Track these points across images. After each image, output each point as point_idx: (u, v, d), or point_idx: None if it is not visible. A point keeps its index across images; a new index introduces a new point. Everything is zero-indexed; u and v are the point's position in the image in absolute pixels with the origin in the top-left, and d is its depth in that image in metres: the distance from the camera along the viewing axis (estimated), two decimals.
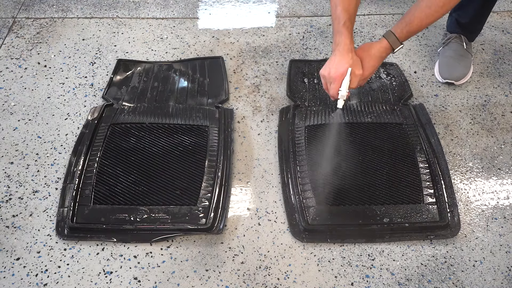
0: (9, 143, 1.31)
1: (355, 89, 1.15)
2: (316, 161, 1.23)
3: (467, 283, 1.04)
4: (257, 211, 1.17)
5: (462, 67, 1.46)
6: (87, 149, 1.25)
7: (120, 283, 1.04)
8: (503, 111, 1.41)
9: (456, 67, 1.46)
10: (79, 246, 1.10)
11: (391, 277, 1.05)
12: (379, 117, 1.34)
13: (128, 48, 1.61)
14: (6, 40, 1.64)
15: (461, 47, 1.48)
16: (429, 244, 1.11)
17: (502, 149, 1.31)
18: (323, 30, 1.68)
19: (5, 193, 1.20)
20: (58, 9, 1.78)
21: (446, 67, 1.47)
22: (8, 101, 1.43)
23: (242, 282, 1.04)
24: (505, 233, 1.13)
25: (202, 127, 1.32)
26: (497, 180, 1.24)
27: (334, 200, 1.15)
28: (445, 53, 1.50)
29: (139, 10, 1.78)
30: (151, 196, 1.16)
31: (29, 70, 1.53)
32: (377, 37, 1.65)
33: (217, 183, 1.18)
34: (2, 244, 1.10)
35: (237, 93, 1.46)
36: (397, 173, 1.20)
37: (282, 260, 1.08)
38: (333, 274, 1.06)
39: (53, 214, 1.15)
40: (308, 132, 1.30)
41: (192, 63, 1.55)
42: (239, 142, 1.32)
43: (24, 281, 1.04)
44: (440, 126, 1.36)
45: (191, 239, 1.11)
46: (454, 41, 1.49)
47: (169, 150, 1.26)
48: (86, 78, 1.51)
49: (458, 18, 1.48)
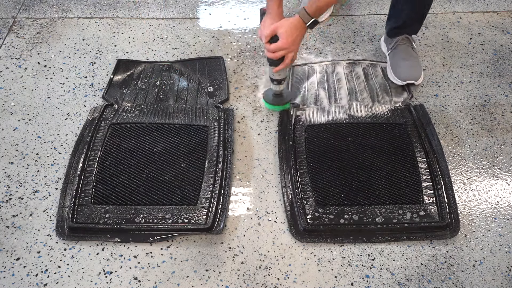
0: (9, 143, 1.31)
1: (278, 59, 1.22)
2: (316, 161, 1.23)
3: (467, 283, 1.04)
4: (257, 211, 1.17)
5: (416, 67, 1.45)
6: (87, 149, 1.25)
7: (120, 283, 1.04)
8: (503, 111, 1.41)
9: (411, 67, 1.45)
10: (79, 246, 1.10)
11: (391, 277, 1.05)
12: (380, 117, 1.34)
13: (128, 48, 1.61)
14: (6, 40, 1.64)
15: (410, 48, 1.48)
16: (429, 244, 1.11)
17: (502, 149, 1.31)
18: (323, 30, 1.68)
19: (5, 193, 1.20)
20: (58, 9, 1.78)
21: (402, 69, 1.45)
22: (8, 101, 1.43)
23: (242, 282, 1.04)
24: (505, 233, 1.13)
25: (202, 127, 1.32)
26: (497, 180, 1.24)
27: (334, 200, 1.15)
28: (396, 56, 1.48)
29: (139, 10, 1.78)
30: (151, 196, 1.16)
31: (29, 70, 1.53)
32: (377, 37, 1.65)
33: (217, 183, 1.18)
34: (2, 244, 1.10)
35: (237, 93, 1.46)
36: (397, 173, 1.20)
37: (282, 260, 1.08)
38: (333, 274, 1.06)
39: (53, 214, 1.16)
40: (308, 132, 1.30)
41: (192, 63, 1.55)
42: (239, 142, 1.32)
43: (24, 281, 1.04)
44: (440, 126, 1.36)
45: (191, 239, 1.11)
46: (402, 43, 1.48)
47: (169, 150, 1.26)
48: (86, 78, 1.51)
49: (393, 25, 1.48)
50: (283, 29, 1.15)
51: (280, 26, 1.16)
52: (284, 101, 1.35)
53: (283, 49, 1.17)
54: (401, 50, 1.47)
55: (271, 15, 1.21)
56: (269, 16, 1.22)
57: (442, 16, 1.74)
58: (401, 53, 1.46)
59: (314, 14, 1.15)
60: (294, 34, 1.16)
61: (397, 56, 1.47)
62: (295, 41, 1.18)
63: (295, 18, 1.16)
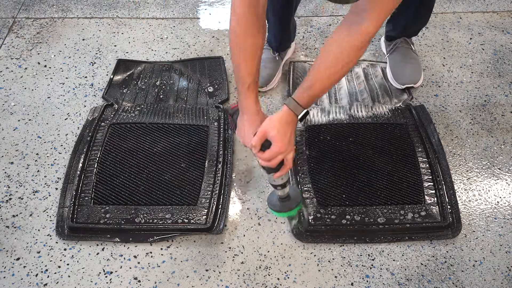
0: (9, 143, 1.31)
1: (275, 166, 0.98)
2: (317, 161, 1.23)
3: (467, 283, 1.04)
4: (257, 211, 1.17)
5: (415, 69, 1.45)
6: (87, 149, 1.25)
7: (120, 283, 1.04)
8: (503, 111, 1.41)
9: (410, 70, 1.44)
10: (79, 246, 1.10)
11: (391, 277, 1.05)
12: (380, 117, 1.34)
13: (128, 48, 1.61)
14: (6, 40, 1.64)
15: (409, 50, 1.47)
16: (429, 244, 1.11)
17: (502, 149, 1.31)
18: (323, 30, 1.68)
19: (5, 193, 1.20)
20: (58, 9, 1.78)
21: (401, 72, 1.44)
22: (8, 101, 1.43)
23: (242, 282, 1.04)
24: (505, 233, 1.13)
25: (202, 127, 1.32)
26: (497, 180, 1.24)
27: (336, 200, 1.15)
28: (395, 59, 1.47)
29: (139, 10, 1.78)
30: (151, 196, 1.16)
31: (29, 70, 1.53)
32: (377, 37, 1.65)
33: (217, 183, 1.18)
34: (2, 244, 1.10)
35: (237, 93, 1.46)
36: (399, 173, 1.20)
37: (282, 260, 1.08)
38: (333, 274, 1.06)
39: (53, 214, 1.15)
40: (309, 133, 1.30)
41: (192, 63, 1.55)
42: (239, 142, 1.32)
43: (24, 281, 1.04)
44: (440, 126, 1.36)
45: (191, 239, 1.11)
46: (401, 46, 1.47)
47: (169, 150, 1.26)
48: (86, 78, 1.51)
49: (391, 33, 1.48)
50: (274, 131, 0.93)
51: (269, 128, 0.93)
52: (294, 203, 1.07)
53: (280, 154, 0.94)
54: (400, 52, 1.47)
55: (249, 116, 1.03)
56: (246, 117, 1.03)
57: (442, 16, 1.74)
58: (400, 56, 1.46)
59: (307, 104, 0.96)
60: (287, 132, 0.95)
61: (396, 59, 1.47)
62: (290, 140, 0.96)
63: (284, 112, 0.95)
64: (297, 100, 0.95)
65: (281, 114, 0.95)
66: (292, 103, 0.95)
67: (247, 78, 1.00)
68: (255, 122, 1.02)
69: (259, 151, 0.95)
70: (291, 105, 0.95)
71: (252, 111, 1.03)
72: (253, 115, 1.03)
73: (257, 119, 1.03)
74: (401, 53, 1.46)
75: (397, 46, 1.47)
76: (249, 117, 1.03)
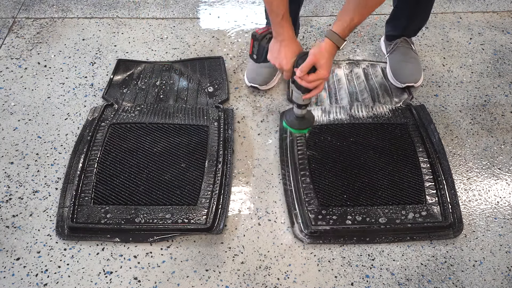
0: (9, 143, 1.31)
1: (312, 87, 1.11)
2: (318, 161, 1.23)
3: (467, 283, 1.04)
4: (257, 211, 1.17)
5: (415, 69, 1.45)
6: (87, 149, 1.25)
7: (120, 283, 1.04)
8: (503, 111, 1.41)
9: (411, 69, 1.44)
10: (79, 246, 1.10)
11: (391, 277, 1.05)
12: (381, 117, 1.34)
13: (128, 48, 1.61)
14: (6, 40, 1.64)
15: (409, 50, 1.47)
16: (429, 244, 1.11)
17: (502, 149, 1.31)
18: (323, 30, 1.68)
19: (5, 193, 1.20)
20: (58, 9, 1.78)
21: (401, 71, 1.44)
22: (8, 101, 1.43)
23: (242, 282, 1.04)
24: (505, 233, 1.13)
25: (202, 127, 1.32)
26: (497, 180, 1.24)
27: (337, 201, 1.15)
28: (395, 58, 1.47)
29: (139, 10, 1.78)
30: (151, 196, 1.16)
31: (29, 70, 1.53)
32: (377, 37, 1.65)
33: (217, 183, 1.18)
34: (2, 244, 1.10)
35: (237, 93, 1.46)
36: (400, 173, 1.20)
37: (282, 260, 1.08)
38: (333, 274, 1.06)
39: (53, 214, 1.15)
40: (309, 133, 1.30)
41: (192, 63, 1.55)
42: (239, 142, 1.32)
43: (24, 281, 1.04)
44: (440, 126, 1.36)
45: (191, 239, 1.11)
46: (401, 45, 1.47)
47: (169, 150, 1.26)
48: (86, 78, 1.51)
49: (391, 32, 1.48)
50: (324, 60, 1.04)
51: (320, 57, 1.04)
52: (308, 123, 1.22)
53: (323, 79, 1.07)
54: (400, 52, 1.47)
55: (286, 42, 1.10)
56: (284, 43, 1.10)
57: (442, 16, 1.74)
58: (400, 55, 1.46)
59: (346, 36, 1.07)
60: (331, 61, 1.07)
61: (397, 58, 1.47)
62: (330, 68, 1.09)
63: (328, 44, 1.05)
64: (338, 33, 1.05)
65: (327, 46, 1.05)
66: (334, 37, 1.05)
67: (280, 9, 1.07)
68: (293, 47, 1.10)
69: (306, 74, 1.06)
70: (334, 38, 1.05)
71: (289, 37, 1.10)
72: (290, 41, 1.10)
73: (294, 44, 1.11)
74: (401, 53, 1.47)
75: (397, 46, 1.47)
76: (287, 43, 1.10)
